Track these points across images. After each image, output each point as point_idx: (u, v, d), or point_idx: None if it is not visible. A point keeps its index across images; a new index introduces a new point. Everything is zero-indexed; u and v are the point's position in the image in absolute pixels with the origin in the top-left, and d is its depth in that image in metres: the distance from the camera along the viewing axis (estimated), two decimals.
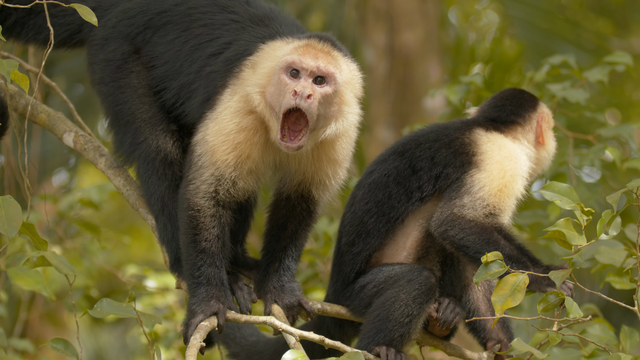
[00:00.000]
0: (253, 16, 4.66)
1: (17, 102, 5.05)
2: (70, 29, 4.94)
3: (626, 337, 4.73)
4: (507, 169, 4.54)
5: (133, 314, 4.37)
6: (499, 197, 4.50)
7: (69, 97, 5.57)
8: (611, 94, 11.03)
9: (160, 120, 4.72)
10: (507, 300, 4.16)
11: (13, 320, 8.93)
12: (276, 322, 4.41)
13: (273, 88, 4.37)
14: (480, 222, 4.44)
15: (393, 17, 9.28)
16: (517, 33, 10.58)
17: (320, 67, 4.35)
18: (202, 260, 4.45)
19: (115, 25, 4.82)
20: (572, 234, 4.22)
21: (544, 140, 4.76)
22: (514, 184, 4.55)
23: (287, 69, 4.35)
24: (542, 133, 4.76)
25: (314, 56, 4.36)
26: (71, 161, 10.79)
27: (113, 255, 11.57)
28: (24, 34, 5.01)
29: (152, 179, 4.68)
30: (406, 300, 4.48)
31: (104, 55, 4.82)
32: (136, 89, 4.75)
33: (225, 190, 4.46)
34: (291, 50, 4.38)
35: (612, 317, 9.36)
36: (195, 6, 4.73)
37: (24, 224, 4.15)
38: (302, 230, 4.69)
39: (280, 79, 4.35)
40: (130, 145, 4.74)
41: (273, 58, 4.41)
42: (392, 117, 9.18)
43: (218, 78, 4.53)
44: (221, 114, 4.46)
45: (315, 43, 4.40)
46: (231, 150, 4.44)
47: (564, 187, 4.28)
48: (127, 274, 7.05)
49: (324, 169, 4.59)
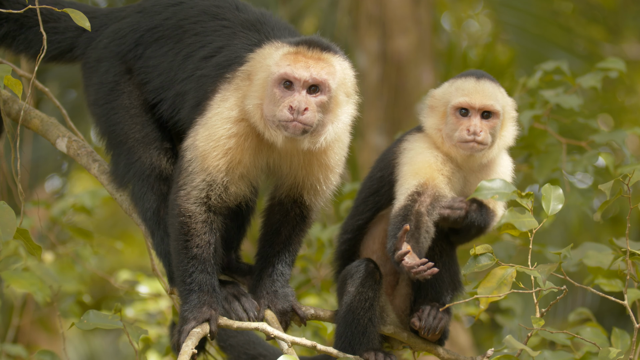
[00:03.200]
0: (244, 21, 4.65)
1: (10, 107, 5.05)
2: (60, 47, 4.95)
3: (617, 340, 4.74)
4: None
5: (120, 325, 4.38)
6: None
7: (62, 103, 5.58)
8: (604, 100, 11.06)
9: (154, 139, 4.72)
10: (493, 292, 4.19)
11: (6, 326, 8.92)
12: (268, 329, 4.41)
13: (268, 100, 4.37)
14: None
15: (385, 22, 9.30)
16: (509, 39, 10.60)
17: (314, 76, 4.34)
18: (193, 266, 4.45)
19: (106, 45, 4.84)
20: (521, 220, 4.25)
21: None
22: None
23: (280, 81, 4.34)
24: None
25: (305, 65, 4.34)
26: (64, 167, 10.77)
27: (105, 261, 11.55)
28: (15, 46, 5.03)
29: (147, 195, 4.68)
30: (358, 289, 4.61)
31: (97, 78, 4.83)
32: (128, 110, 4.75)
33: (217, 196, 4.46)
34: (282, 58, 4.37)
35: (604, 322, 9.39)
36: (185, 17, 4.73)
37: (18, 229, 4.15)
38: (295, 235, 4.69)
39: (274, 92, 4.35)
40: (125, 166, 4.74)
41: (265, 68, 4.40)
42: (385, 123, 9.19)
43: (208, 82, 4.53)
44: (211, 119, 4.46)
45: (305, 50, 4.38)
46: (222, 155, 4.44)
47: (498, 182, 4.33)
48: (119, 279, 7.04)
49: (315, 173, 4.59)
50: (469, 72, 4.68)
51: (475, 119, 4.58)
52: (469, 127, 4.56)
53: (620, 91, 11.60)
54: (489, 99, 4.58)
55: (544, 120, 6.09)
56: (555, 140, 6.07)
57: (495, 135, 4.61)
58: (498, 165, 4.71)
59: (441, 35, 11.80)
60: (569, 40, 10.61)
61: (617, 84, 11.02)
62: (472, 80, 4.62)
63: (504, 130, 4.65)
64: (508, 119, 4.66)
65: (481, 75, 4.63)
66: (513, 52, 10.72)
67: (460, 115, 4.59)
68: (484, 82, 4.61)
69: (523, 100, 6.18)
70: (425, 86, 9.08)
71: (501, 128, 4.63)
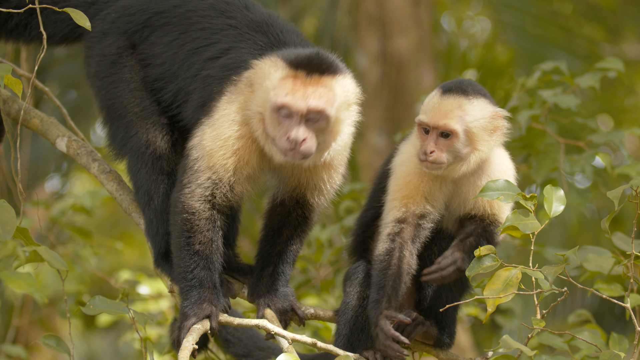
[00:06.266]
0: (251, 22, 4.66)
1: (10, 107, 5.05)
2: (72, 23, 4.94)
3: (615, 344, 4.74)
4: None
5: (126, 312, 4.38)
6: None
7: (62, 103, 5.58)
8: (603, 100, 11.07)
9: (151, 113, 4.75)
10: (499, 294, 4.19)
11: (5, 326, 8.92)
12: (269, 325, 4.42)
13: (268, 120, 4.37)
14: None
15: (385, 23, 9.30)
16: (508, 39, 10.60)
17: (311, 107, 4.31)
18: (195, 262, 4.46)
19: (114, 20, 4.85)
20: (524, 223, 4.24)
21: None
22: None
23: (279, 109, 4.33)
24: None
25: (303, 95, 4.31)
26: (63, 167, 10.78)
27: (105, 261, 11.56)
28: (27, 34, 5.04)
29: (140, 172, 4.71)
30: (356, 288, 4.65)
31: (100, 49, 4.85)
32: (129, 83, 4.78)
33: (222, 194, 4.47)
34: (279, 85, 4.33)
35: (604, 323, 9.40)
36: (194, 9, 4.75)
37: (18, 228, 4.15)
38: (297, 235, 4.70)
39: (273, 117, 4.34)
40: (122, 139, 4.78)
41: (264, 89, 4.38)
42: (385, 123, 9.19)
43: (214, 83, 4.54)
44: (218, 120, 4.47)
45: (303, 76, 4.34)
46: (230, 155, 4.45)
47: (501, 182, 4.31)
48: (119, 279, 7.04)
49: (319, 173, 4.61)
50: (444, 85, 4.53)
51: (430, 138, 4.47)
52: (424, 146, 4.48)
53: (619, 91, 11.60)
54: (445, 117, 4.45)
55: (542, 120, 6.09)
56: (553, 140, 6.07)
57: (461, 151, 4.48)
58: (492, 164, 4.61)
59: (441, 35, 11.80)
60: (568, 41, 10.61)
61: (615, 84, 11.03)
62: (436, 96, 4.49)
63: (479, 144, 4.49)
64: (486, 131, 4.50)
65: (448, 90, 4.48)
66: (512, 53, 10.72)
67: (424, 133, 4.51)
68: (447, 99, 4.46)
69: (522, 100, 6.19)
70: (425, 86, 9.09)
71: (474, 142, 4.48)
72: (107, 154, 4.89)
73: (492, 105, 4.52)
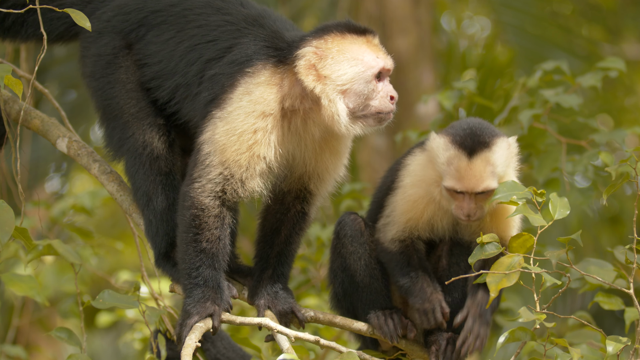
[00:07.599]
0: (247, 16, 4.66)
1: (10, 107, 5.05)
2: (68, 21, 4.94)
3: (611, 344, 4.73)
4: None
5: (136, 305, 4.39)
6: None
7: (61, 103, 5.59)
8: (604, 100, 11.06)
9: (147, 114, 4.75)
10: (502, 280, 4.19)
11: (5, 327, 8.92)
12: (271, 324, 4.41)
13: (360, 88, 4.46)
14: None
15: (385, 23, 9.30)
16: (509, 39, 10.60)
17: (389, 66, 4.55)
18: (201, 260, 4.45)
19: (109, 19, 4.85)
20: (533, 216, 4.25)
21: None
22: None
23: (376, 73, 4.47)
24: None
25: (385, 53, 4.57)
26: (63, 167, 10.78)
27: (105, 262, 11.55)
28: (23, 32, 5.04)
29: (138, 173, 4.71)
30: (349, 249, 4.69)
31: (95, 49, 4.85)
32: (124, 84, 4.78)
33: (233, 190, 4.46)
34: (375, 60, 4.51)
35: (604, 324, 9.38)
36: (190, 7, 4.75)
37: (17, 228, 4.15)
38: (295, 234, 4.70)
39: (370, 85, 4.46)
40: (119, 140, 4.78)
41: (357, 62, 4.50)
42: None
43: (224, 79, 4.51)
44: (232, 113, 4.46)
45: (372, 39, 4.58)
46: (245, 150, 4.44)
47: (509, 183, 4.34)
48: (119, 280, 7.04)
49: (324, 160, 4.62)
50: (463, 143, 4.45)
51: (469, 200, 4.46)
52: (462, 208, 4.46)
53: (620, 91, 11.60)
54: (482, 181, 4.44)
55: (543, 119, 6.10)
56: (555, 140, 6.07)
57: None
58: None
59: (441, 35, 11.80)
60: (568, 41, 10.61)
61: (616, 84, 11.03)
62: (461, 160, 4.43)
63: (507, 178, 4.50)
64: (510, 166, 4.53)
65: (472, 150, 4.43)
66: (512, 53, 10.72)
67: (455, 193, 4.48)
68: (475, 160, 4.42)
69: (523, 100, 6.19)
70: (425, 86, 9.09)
71: (502, 179, 4.48)
72: (106, 154, 4.89)
73: (503, 137, 4.52)
